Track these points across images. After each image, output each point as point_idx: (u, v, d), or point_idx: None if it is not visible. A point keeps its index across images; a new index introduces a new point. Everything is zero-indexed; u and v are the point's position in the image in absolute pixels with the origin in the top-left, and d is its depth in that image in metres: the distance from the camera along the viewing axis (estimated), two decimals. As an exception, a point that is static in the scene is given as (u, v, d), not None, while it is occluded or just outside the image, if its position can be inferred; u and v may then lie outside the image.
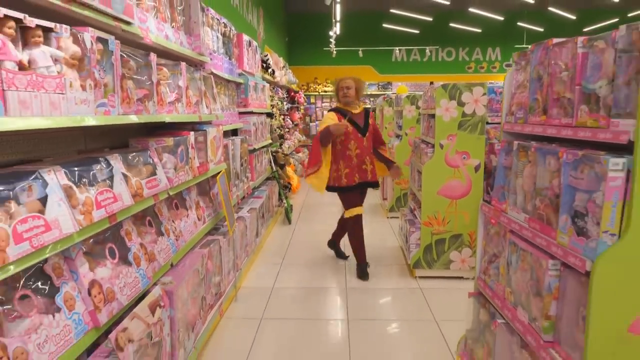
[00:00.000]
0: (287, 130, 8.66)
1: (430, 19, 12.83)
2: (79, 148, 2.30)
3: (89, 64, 1.69)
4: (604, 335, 1.47)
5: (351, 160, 3.95)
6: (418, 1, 11.93)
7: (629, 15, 12.21)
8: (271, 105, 6.66)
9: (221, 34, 4.08)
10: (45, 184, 1.50)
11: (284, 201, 6.30)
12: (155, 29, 2.42)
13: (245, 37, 5.04)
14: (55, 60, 1.52)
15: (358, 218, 4.03)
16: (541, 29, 13.27)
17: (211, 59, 3.58)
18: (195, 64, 3.26)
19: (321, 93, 13.54)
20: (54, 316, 1.48)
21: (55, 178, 1.56)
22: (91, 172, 1.77)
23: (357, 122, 3.98)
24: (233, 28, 4.52)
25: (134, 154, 2.20)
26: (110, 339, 1.68)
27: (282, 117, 8.28)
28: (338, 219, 4.48)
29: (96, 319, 1.67)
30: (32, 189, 1.44)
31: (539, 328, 1.72)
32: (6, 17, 1.33)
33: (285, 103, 8.98)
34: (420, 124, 4.81)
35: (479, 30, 13.44)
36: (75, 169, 1.69)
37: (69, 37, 1.60)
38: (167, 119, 2.45)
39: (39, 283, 1.49)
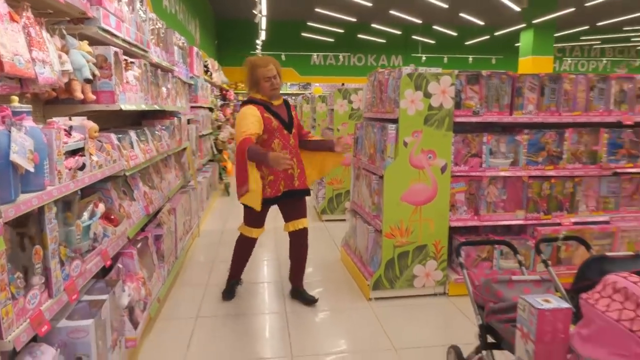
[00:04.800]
0: (221, 123, 10.21)
1: (342, 30, 14.93)
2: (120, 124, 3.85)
3: (145, 79, 3.30)
4: (390, 202, 3.36)
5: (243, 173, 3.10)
6: (330, 16, 13.89)
7: (495, 33, 15.09)
8: (211, 101, 8.23)
9: (180, 48, 5.65)
10: (130, 139, 3.09)
11: (224, 179, 7.94)
12: (155, 55, 4.01)
13: (195, 49, 6.60)
14: (134, 77, 3.12)
15: (251, 241, 3.43)
16: (433, 42, 15.87)
17: (177, 68, 5.15)
18: (171, 72, 4.84)
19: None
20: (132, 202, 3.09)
21: (135, 135, 3.16)
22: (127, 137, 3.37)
23: (281, 115, 3.26)
24: (186, 42, 6.08)
25: (159, 126, 3.80)
26: (158, 217, 3.31)
27: (217, 112, 9.83)
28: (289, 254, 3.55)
29: (148, 209, 3.27)
30: (126, 139, 3.04)
31: (370, 209, 3.61)
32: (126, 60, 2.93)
33: (218, 100, 10.52)
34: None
35: (384, 41, 15.74)
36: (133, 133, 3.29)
37: (136, 64, 3.20)
38: (169, 108, 4.06)
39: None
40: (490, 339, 2.10)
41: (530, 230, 3.64)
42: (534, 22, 11.69)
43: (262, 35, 13.04)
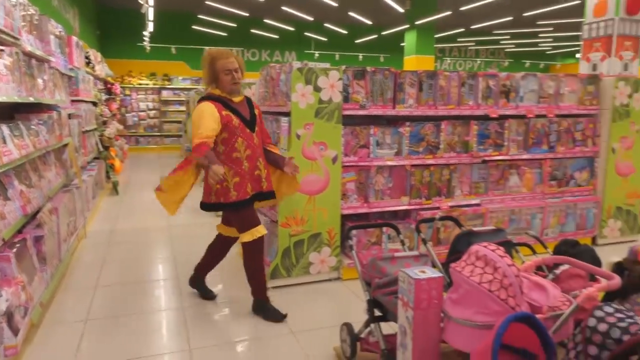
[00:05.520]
0: (106, 118, 9.60)
1: (234, 25, 14.75)
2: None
3: (18, 69, 3.03)
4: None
5: (241, 164, 2.98)
6: (221, 9, 13.65)
7: (383, 33, 15.95)
8: (95, 95, 7.71)
9: (58, 37, 5.23)
10: (2, 134, 2.83)
11: (111, 177, 7.48)
12: (28, 43, 3.69)
13: (74, 39, 6.14)
14: (4, 66, 2.85)
15: (260, 242, 3.06)
16: (325, 39, 16.32)
17: (54, 58, 4.77)
18: (47, 62, 4.47)
19: (136, 85, 14.33)
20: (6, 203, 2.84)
21: (7, 130, 2.89)
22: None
23: (242, 113, 3.03)
24: (64, 31, 5.64)
25: (35, 120, 3.50)
26: (38, 217, 3.07)
27: (102, 106, 9.23)
28: (209, 244, 3.46)
29: (25, 209, 3.02)
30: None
31: (266, 201, 3.68)
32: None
33: (103, 94, 9.86)
34: None
35: (277, 37, 15.83)
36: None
37: (6, 53, 2.93)
38: (46, 101, 3.76)
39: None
40: (377, 313, 2.29)
41: (414, 214, 3.96)
42: (417, 23, 12.53)
43: (150, 27, 12.44)
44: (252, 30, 15.47)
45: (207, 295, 3.44)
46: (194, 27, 14.88)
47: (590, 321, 1.63)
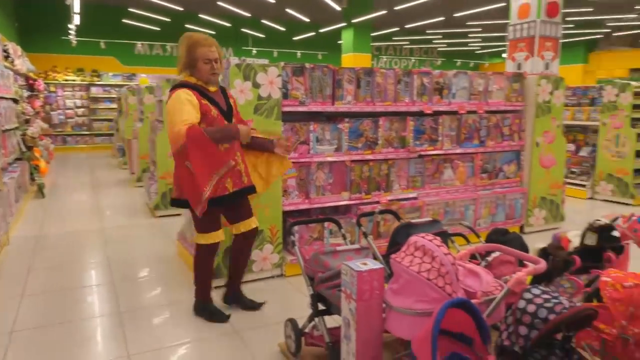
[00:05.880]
0: (29, 117, 8.99)
1: (168, 19, 14.27)
2: None
3: None
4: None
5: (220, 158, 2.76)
6: (153, 3, 13.18)
7: (320, 30, 16.08)
8: (15, 91, 7.19)
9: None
10: None
11: (36, 179, 7.02)
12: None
13: (-10, 30, 5.69)
14: None
15: (215, 247, 2.94)
16: (263, 36, 16.19)
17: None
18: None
19: (62, 82, 13.52)
20: None
21: None
22: None
23: (219, 103, 2.85)
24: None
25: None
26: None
27: (24, 104, 8.63)
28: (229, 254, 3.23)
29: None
30: None
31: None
32: None
33: (24, 90, 9.23)
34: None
35: (213, 32, 15.50)
36: None
37: None
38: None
39: None
40: (321, 307, 2.31)
41: (355, 209, 4.03)
42: (353, 21, 12.74)
43: (76, 20, 11.78)
44: (187, 25, 15.04)
45: (252, 305, 3.17)
46: (124, 20, 14.25)
47: (520, 303, 1.73)
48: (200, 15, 14.24)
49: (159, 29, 14.85)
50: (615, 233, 2.66)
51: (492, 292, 1.92)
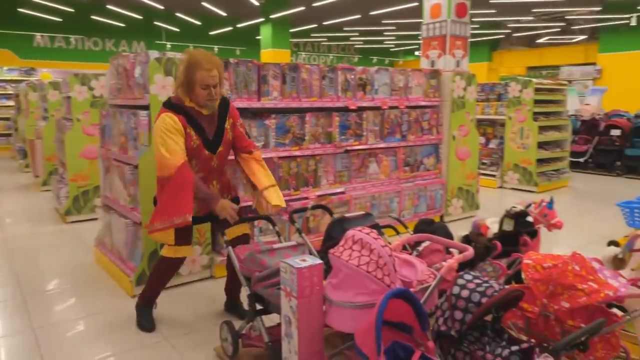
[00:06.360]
0: None
1: (71, 9, 13.26)
2: None
3: None
4: (148, 192, 3.21)
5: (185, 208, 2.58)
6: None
7: (238, 25, 15.81)
8: None
9: None
10: None
11: None
12: None
13: None
14: None
15: (178, 262, 2.82)
16: (177, 29, 15.58)
17: None
18: None
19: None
20: None
21: None
22: None
23: (206, 130, 2.66)
24: None
25: None
26: None
27: None
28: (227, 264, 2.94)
29: None
30: None
31: (127, 202, 3.38)
32: None
33: None
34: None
35: (123, 25, 14.66)
36: None
37: None
38: None
39: None
40: (258, 307, 2.26)
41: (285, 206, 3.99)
42: (272, 17, 12.66)
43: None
44: (94, 17, 14.09)
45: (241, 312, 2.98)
46: (20, 10, 13.04)
47: (454, 289, 1.80)
48: (109, 7, 13.36)
49: (60, 19, 13.76)
50: (529, 218, 2.87)
51: (427, 281, 1.99)
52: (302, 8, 12.59)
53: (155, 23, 15.17)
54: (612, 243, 2.87)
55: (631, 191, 6.58)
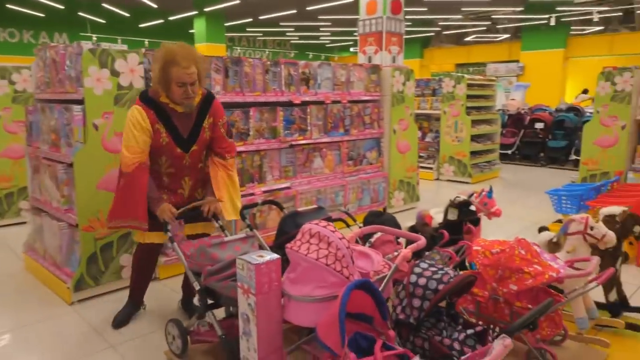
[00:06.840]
0: None
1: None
2: None
3: None
4: (85, 192, 3.03)
5: (161, 180, 2.61)
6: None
7: (170, 18, 15.28)
8: None
9: None
10: None
11: None
12: None
13: None
14: None
15: (148, 249, 2.73)
16: (103, 21, 14.79)
17: None
18: None
19: None
20: None
21: None
22: None
23: (179, 128, 2.54)
24: None
25: None
26: None
27: None
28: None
29: None
30: None
31: (60, 203, 3.16)
32: None
33: None
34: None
35: (42, 15, 13.70)
36: None
37: None
38: None
39: None
40: (209, 301, 2.21)
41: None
42: (205, 10, 12.33)
43: None
44: (8, 6, 13.05)
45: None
46: None
47: (412, 278, 1.85)
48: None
49: (-30, 8, 12.65)
50: (472, 207, 3.00)
51: (382, 271, 2.03)
52: (237, 1, 12.37)
53: (80, 14, 14.31)
54: (543, 229, 3.06)
55: (554, 180, 7.07)
